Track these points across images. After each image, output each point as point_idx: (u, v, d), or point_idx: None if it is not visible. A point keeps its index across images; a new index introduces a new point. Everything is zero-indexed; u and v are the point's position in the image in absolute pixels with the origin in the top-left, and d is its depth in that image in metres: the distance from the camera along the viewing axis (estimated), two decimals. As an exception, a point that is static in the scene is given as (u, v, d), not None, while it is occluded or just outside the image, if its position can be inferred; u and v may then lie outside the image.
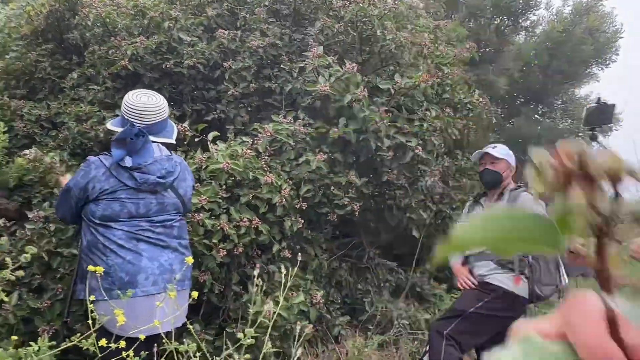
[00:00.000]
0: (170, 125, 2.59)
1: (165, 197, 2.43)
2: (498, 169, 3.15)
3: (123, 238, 2.30)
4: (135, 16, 3.99)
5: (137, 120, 2.38)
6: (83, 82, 4.04)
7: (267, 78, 3.82)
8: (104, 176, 2.32)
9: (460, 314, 2.93)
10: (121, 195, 2.31)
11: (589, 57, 6.62)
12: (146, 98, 2.44)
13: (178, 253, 2.42)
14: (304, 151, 3.29)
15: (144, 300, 2.26)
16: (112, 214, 2.30)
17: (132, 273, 2.27)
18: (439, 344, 2.89)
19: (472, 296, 2.99)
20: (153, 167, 2.37)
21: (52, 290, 2.76)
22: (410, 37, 3.58)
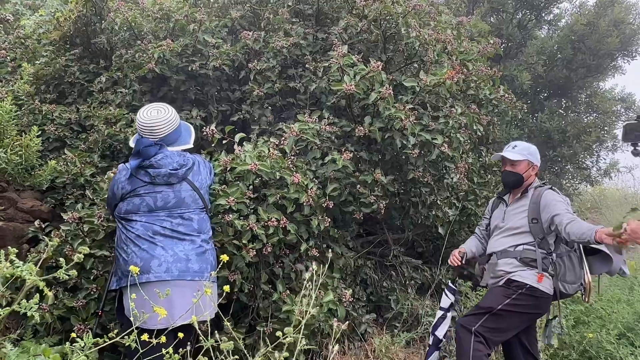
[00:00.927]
0: (185, 131, 2.79)
1: (182, 190, 2.61)
2: (518, 170, 3.11)
3: (140, 230, 2.51)
4: (161, 20, 4.05)
5: (150, 135, 2.63)
6: (111, 86, 4.12)
7: (291, 78, 3.85)
8: (124, 178, 2.57)
9: (489, 311, 2.91)
10: (140, 191, 2.55)
11: (614, 49, 6.50)
12: (156, 112, 2.67)
13: (196, 245, 2.56)
14: (329, 150, 3.30)
15: (158, 286, 2.36)
16: (133, 208, 2.54)
17: (146, 259, 2.45)
18: (467, 340, 2.89)
19: (498, 293, 2.97)
20: (164, 161, 2.58)
21: (86, 289, 2.83)
22: (434, 34, 3.56)
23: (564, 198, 3.01)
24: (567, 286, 2.98)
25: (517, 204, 3.13)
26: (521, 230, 3.05)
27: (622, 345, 3.65)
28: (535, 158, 3.15)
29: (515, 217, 3.09)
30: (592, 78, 7.06)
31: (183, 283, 2.45)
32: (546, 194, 3.01)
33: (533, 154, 3.16)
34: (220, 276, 2.94)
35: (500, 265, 3.07)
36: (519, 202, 3.13)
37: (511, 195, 3.22)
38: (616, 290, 4.71)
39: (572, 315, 4.18)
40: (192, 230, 2.57)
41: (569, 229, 2.73)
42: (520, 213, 3.08)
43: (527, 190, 3.12)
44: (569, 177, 7.56)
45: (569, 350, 3.80)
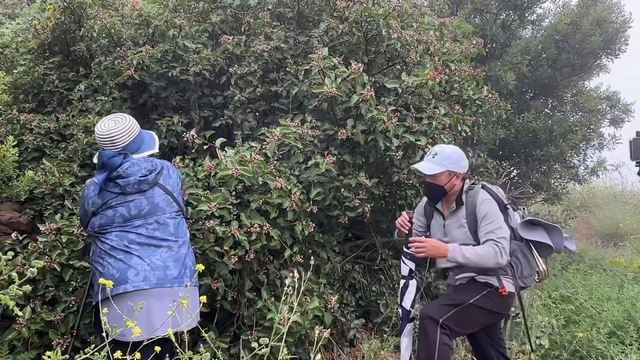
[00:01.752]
0: (147, 137, 2.74)
1: (155, 195, 2.55)
2: (439, 182, 2.95)
3: (115, 240, 2.44)
4: (140, 26, 3.99)
5: (111, 146, 2.57)
6: (91, 94, 4.06)
7: (273, 82, 3.81)
8: (94, 193, 2.50)
9: (461, 304, 2.85)
10: (112, 203, 2.48)
11: (597, 48, 6.52)
12: (113, 123, 2.61)
13: (173, 251, 2.50)
14: (312, 154, 3.27)
15: (136, 297, 2.31)
16: (107, 221, 2.47)
17: (122, 270, 2.38)
18: (434, 331, 2.81)
19: (470, 289, 2.91)
20: (132, 169, 2.52)
21: (65, 302, 2.76)
22: (416, 35, 3.54)
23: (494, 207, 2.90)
24: (526, 280, 2.97)
25: (454, 218, 3.01)
26: (467, 244, 2.93)
27: (613, 343, 3.64)
28: (457, 165, 2.95)
29: (457, 232, 2.98)
30: (577, 77, 7.08)
31: (162, 291, 2.39)
32: (481, 206, 2.90)
33: (455, 162, 2.96)
34: (203, 284, 2.88)
35: (460, 280, 3.01)
36: (455, 215, 3.00)
37: (444, 204, 3.09)
38: (606, 289, 4.71)
39: (562, 315, 4.17)
40: (169, 235, 2.52)
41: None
42: (461, 228, 2.97)
43: (460, 199, 2.99)
44: (557, 176, 7.57)
45: (560, 350, 3.79)
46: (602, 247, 8.97)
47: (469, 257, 2.78)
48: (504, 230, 2.83)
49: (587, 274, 5.53)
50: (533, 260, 2.99)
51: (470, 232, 2.93)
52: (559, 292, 4.58)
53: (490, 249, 2.77)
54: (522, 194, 6.74)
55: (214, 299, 2.99)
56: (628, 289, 4.54)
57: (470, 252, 2.79)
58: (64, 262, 2.82)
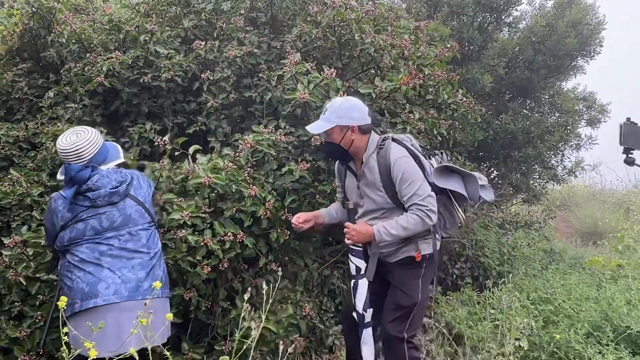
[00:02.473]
0: (112, 148, 2.69)
1: (127, 207, 2.50)
2: (333, 139, 2.73)
3: (86, 252, 2.38)
4: (111, 31, 3.92)
5: (77, 160, 2.50)
6: (61, 101, 3.98)
7: (247, 87, 3.76)
8: (62, 206, 2.43)
9: (412, 307, 2.76)
10: (82, 216, 2.42)
11: (573, 50, 6.58)
12: (75, 136, 2.54)
13: (144, 263, 2.46)
14: (286, 161, 3.23)
15: (107, 311, 2.27)
16: (77, 234, 2.41)
17: (92, 283, 2.32)
18: (401, 350, 2.76)
19: (409, 280, 2.79)
20: (102, 181, 2.46)
21: (31, 317, 2.68)
22: (390, 40, 3.53)
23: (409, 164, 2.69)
24: (449, 231, 2.92)
25: (367, 179, 2.79)
26: (387, 208, 2.77)
27: (590, 344, 3.65)
28: (347, 119, 2.68)
29: (374, 196, 2.78)
30: (554, 78, 7.14)
31: (134, 304, 2.34)
32: (395, 167, 2.67)
33: (344, 115, 2.69)
34: (176, 294, 2.83)
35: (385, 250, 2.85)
36: (367, 175, 2.78)
37: (356, 163, 2.86)
38: (585, 288, 4.73)
39: (541, 316, 4.17)
40: (141, 247, 2.48)
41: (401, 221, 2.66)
42: (377, 190, 2.76)
43: (369, 157, 2.77)
44: (536, 176, 7.62)
45: (538, 352, 3.79)
46: (582, 245, 9.05)
47: (397, 234, 2.65)
48: (425, 188, 2.65)
49: (567, 273, 5.56)
50: (455, 211, 2.86)
51: (388, 195, 2.73)
52: (538, 293, 4.59)
53: (415, 217, 2.62)
54: (502, 195, 6.77)
55: (188, 310, 2.94)
56: (605, 289, 4.57)
57: (396, 227, 2.65)
58: (30, 275, 2.75)
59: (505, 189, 6.92)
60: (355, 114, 2.71)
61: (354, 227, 2.76)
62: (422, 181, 2.66)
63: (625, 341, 3.66)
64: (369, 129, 2.79)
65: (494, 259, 5.22)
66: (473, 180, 2.81)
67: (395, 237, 2.68)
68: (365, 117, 2.76)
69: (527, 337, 3.85)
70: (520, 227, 6.76)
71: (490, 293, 4.46)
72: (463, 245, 5.18)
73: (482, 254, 5.22)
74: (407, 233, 2.66)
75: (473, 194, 2.81)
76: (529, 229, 6.82)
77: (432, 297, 4.67)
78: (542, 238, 6.87)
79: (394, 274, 2.85)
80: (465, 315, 4.19)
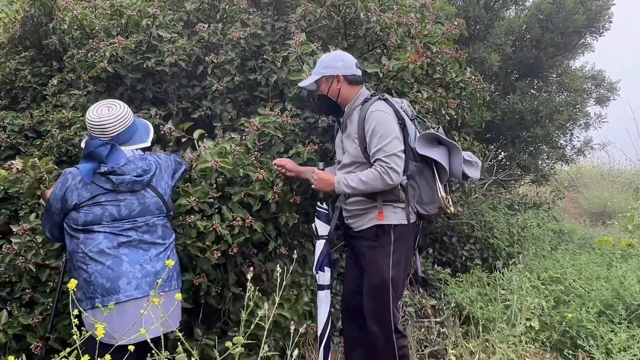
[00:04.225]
0: (141, 128, 2.59)
1: (146, 197, 2.45)
2: (322, 91, 2.79)
3: (104, 243, 2.31)
4: (113, 16, 3.87)
5: (101, 135, 2.41)
6: (65, 88, 3.95)
7: (252, 70, 3.71)
8: (81, 184, 2.33)
9: (385, 287, 2.69)
10: (101, 199, 2.34)
11: (581, 27, 6.45)
12: (107, 109, 2.46)
13: (162, 255, 2.43)
14: (293, 143, 3.19)
15: (131, 306, 2.26)
16: (94, 219, 2.32)
17: (113, 279, 2.27)
18: (390, 343, 2.71)
19: (381, 261, 2.70)
20: (128, 167, 2.39)
21: (42, 304, 2.68)
22: (396, 18, 3.46)
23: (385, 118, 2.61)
24: (427, 207, 2.76)
25: (347, 131, 2.77)
26: (360, 162, 2.71)
27: (602, 323, 3.63)
28: (332, 68, 2.72)
29: (349, 147, 2.74)
30: (562, 57, 7.02)
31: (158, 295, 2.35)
32: (369, 119, 2.63)
33: (329, 65, 2.73)
34: (185, 280, 2.82)
35: (350, 206, 2.81)
36: (348, 127, 2.77)
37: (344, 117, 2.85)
38: (595, 268, 4.71)
39: (552, 296, 4.16)
40: (157, 238, 2.45)
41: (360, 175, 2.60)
42: (353, 142, 2.71)
43: (353, 109, 2.76)
44: (545, 157, 7.55)
45: (550, 332, 3.77)
46: (591, 226, 9.02)
47: (355, 187, 2.60)
48: (394, 145, 2.56)
49: (576, 253, 5.54)
50: (435, 184, 2.74)
51: (361, 148, 2.68)
52: (548, 273, 4.56)
53: (374, 172, 2.56)
54: (510, 176, 6.71)
55: (198, 295, 2.93)
56: (616, 268, 4.54)
57: (354, 180, 2.61)
58: (40, 263, 2.74)
59: (514, 169, 6.86)
60: (339, 63, 2.74)
61: (318, 173, 2.76)
62: (392, 138, 2.58)
63: (638, 319, 3.64)
64: (356, 81, 2.78)
65: (503, 240, 5.19)
66: (458, 154, 2.72)
67: (354, 190, 2.63)
68: (351, 67, 2.77)
69: (538, 317, 3.84)
70: (529, 208, 6.72)
71: (500, 274, 4.45)
72: (472, 226, 5.15)
73: (491, 235, 5.20)
74: (366, 188, 2.60)
75: (455, 169, 2.72)
76: (538, 209, 6.78)
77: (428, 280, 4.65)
78: (551, 219, 6.82)
79: (365, 256, 2.80)
80: (476, 296, 4.18)
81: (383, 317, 2.73)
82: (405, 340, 2.83)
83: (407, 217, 2.70)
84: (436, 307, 4.26)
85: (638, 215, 6.28)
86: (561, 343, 3.70)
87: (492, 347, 3.57)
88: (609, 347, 3.32)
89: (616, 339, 3.33)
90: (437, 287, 4.58)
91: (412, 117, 2.80)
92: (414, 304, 4.21)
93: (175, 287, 2.48)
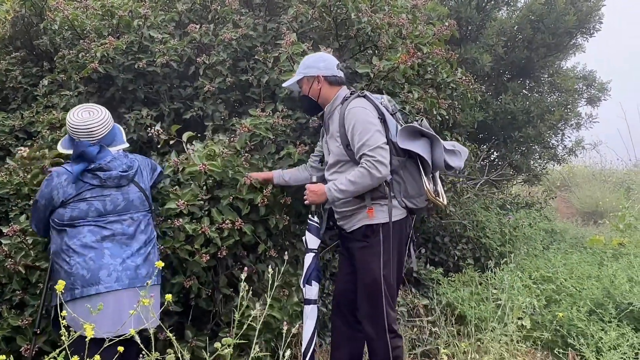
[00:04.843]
0: (118, 130, 2.69)
1: (130, 192, 2.52)
2: (304, 91, 2.82)
3: (88, 236, 2.37)
4: (104, 16, 3.86)
5: (87, 138, 2.48)
6: (56, 89, 3.94)
7: (244, 71, 3.71)
8: (66, 182, 2.40)
9: (377, 287, 2.68)
10: (86, 195, 2.41)
11: (572, 27, 6.50)
12: (87, 114, 2.53)
13: (141, 249, 2.48)
14: (285, 144, 3.19)
15: (111, 298, 2.30)
16: (79, 214, 2.39)
17: (93, 270, 2.32)
18: (383, 342, 2.69)
19: (371, 260, 2.70)
20: (114, 163, 2.48)
21: (32, 306, 2.67)
22: (387, 19, 3.47)
23: (364, 114, 2.62)
24: (415, 200, 2.73)
25: (330, 131, 2.78)
26: (344, 160, 2.72)
27: (593, 321, 3.65)
28: (313, 69, 2.76)
29: (333, 146, 2.74)
30: (553, 57, 7.06)
31: (133, 291, 2.38)
32: (348, 115, 2.64)
33: (310, 65, 2.78)
34: (176, 282, 2.82)
35: (341, 207, 2.79)
36: (330, 127, 2.78)
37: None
38: (586, 267, 4.74)
39: (543, 295, 4.18)
40: (140, 233, 2.51)
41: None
42: (335, 141, 2.72)
43: (333, 109, 2.77)
44: (537, 157, 7.59)
45: (541, 330, 3.79)
46: (583, 225, 9.07)
47: (345, 189, 2.60)
48: (376, 139, 2.56)
49: (568, 252, 5.57)
50: (420, 177, 2.73)
51: (343, 146, 2.69)
52: (540, 273, 4.59)
53: (361, 169, 2.56)
54: (502, 176, 6.74)
55: (189, 297, 2.93)
56: (607, 267, 4.57)
57: (345, 183, 2.60)
58: (30, 264, 2.73)
59: (506, 169, 6.89)
60: (320, 64, 2.78)
61: (309, 187, 2.76)
62: (374, 132, 2.58)
63: (628, 318, 3.66)
64: (336, 81, 2.81)
65: (495, 240, 5.21)
66: (439, 145, 2.71)
67: (346, 193, 2.63)
68: (332, 68, 2.80)
69: (529, 316, 3.86)
70: (521, 208, 6.75)
71: (492, 273, 4.46)
72: (464, 226, 5.17)
73: (483, 234, 5.22)
74: (357, 187, 2.59)
75: (437, 160, 2.72)
76: (530, 209, 6.81)
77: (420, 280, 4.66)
78: (543, 218, 6.86)
79: (356, 256, 2.80)
80: (468, 295, 4.19)
81: (377, 317, 2.73)
82: (400, 340, 2.82)
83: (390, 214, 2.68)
84: (428, 307, 4.27)
85: (629, 215, 6.32)
86: (552, 342, 3.71)
87: (484, 346, 3.58)
88: (599, 346, 3.34)
89: (606, 338, 3.35)
90: (429, 286, 4.59)
91: (392, 112, 2.81)
92: (406, 303, 4.22)
93: (156, 282, 2.52)
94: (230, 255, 3.00)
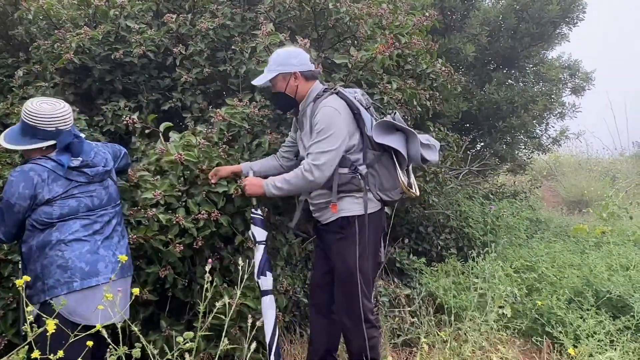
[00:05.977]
0: None
1: (110, 186, 2.54)
2: (278, 88, 2.76)
3: (80, 230, 2.37)
4: (80, 6, 3.80)
5: (63, 125, 2.38)
6: (32, 80, 3.87)
7: (222, 61, 3.67)
8: (50, 179, 2.32)
9: (353, 278, 2.69)
10: (75, 192, 2.38)
11: (556, 17, 6.50)
12: (47, 105, 2.37)
13: (122, 242, 2.54)
14: (262, 134, 3.17)
15: (102, 288, 2.32)
16: (70, 211, 2.36)
17: (92, 262, 2.35)
18: (359, 333, 2.71)
19: (347, 252, 2.70)
20: (97, 158, 2.48)
21: (3, 299, 2.65)
22: (366, 9, 3.44)
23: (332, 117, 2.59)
24: (390, 193, 2.75)
25: (305, 128, 2.77)
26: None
27: (572, 309, 3.69)
28: (288, 65, 2.70)
29: (307, 143, 2.72)
30: (538, 47, 7.06)
31: (121, 281, 2.45)
32: (317, 116, 2.62)
33: (283, 62, 2.72)
34: (151, 272, 2.81)
35: (315, 201, 2.79)
36: (304, 124, 2.77)
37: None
38: (568, 255, 4.77)
39: (525, 284, 4.21)
40: (117, 223, 2.54)
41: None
42: (309, 139, 2.70)
43: (306, 106, 2.75)
44: (522, 146, 7.61)
45: (522, 319, 3.82)
46: (568, 214, 9.13)
47: (281, 187, 2.63)
48: (329, 143, 2.55)
49: (552, 241, 5.60)
50: (395, 171, 2.74)
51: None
52: (521, 262, 4.62)
53: (297, 171, 2.59)
54: (485, 166, 6.76)
55: (164, 288, 2.92)
56: (588, 255, 4.61)
57: (281, 181, 2.63)
58: (3, 257, 2.70)
59: (490, 159, 6.91)
60: (294, 60, 2.72)
61: (248, 178, 2.78)
62: (329, 135, 2.57)
63: (606, 305, 3.70)
64: (312, 76, 2.78)
65: (478, 230, 5.23)
66: (415, 139, 2.72)
67: (282, 191, 2.67)
68: (306, 63, 2.77)
69: (510, 305, 3.88)
70: (505, 198, 6.78)
71: (475, 263, 4.48)
72: (447, 216, 5.18)
73: (466, 224, 5.24)
74: (291, 187, 2.64)
75: (413, 154, 2.73)
76: (514, 199, 6.84)
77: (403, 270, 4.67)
78: (527, 207, 6.89)
79: (332, 248, 2.81)
80: (449, 285, 4.21)
81: (352, 308, 2.75)
82: (376, 330, 2.84)
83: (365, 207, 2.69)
84: (410, 297, 4.28)
85: (612, 204, 6.38)
86: (532, 330, 3.75)
87: (464, 335, 3.61)
88: (577, 333, 3.37)
89: (584, 325, 3.38)
90: (412, 276, 4.61)
91: (366, 106, 2.79)
92: (388, 293, 4.23)
93: (130, 275, 2.58)
94: (208, 246, 2.99)
